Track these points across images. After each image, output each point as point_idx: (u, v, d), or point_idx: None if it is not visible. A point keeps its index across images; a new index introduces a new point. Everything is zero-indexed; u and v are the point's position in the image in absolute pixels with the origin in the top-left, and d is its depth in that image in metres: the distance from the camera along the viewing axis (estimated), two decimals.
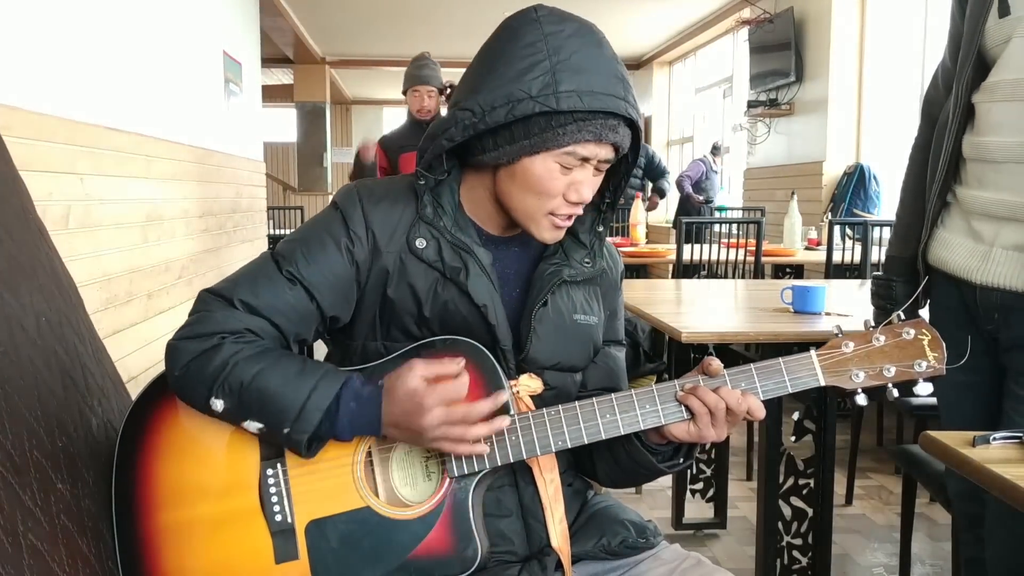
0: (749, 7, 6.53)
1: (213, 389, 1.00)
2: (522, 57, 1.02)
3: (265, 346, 1.03)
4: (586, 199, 1.07)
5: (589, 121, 1.01)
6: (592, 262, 1.17)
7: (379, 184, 1.14)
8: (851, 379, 1.04)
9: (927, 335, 1.04)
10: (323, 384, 1.00)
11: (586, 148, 1.03)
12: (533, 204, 1.06)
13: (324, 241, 1.08)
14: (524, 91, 1.00)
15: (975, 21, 1.44)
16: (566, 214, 1.08)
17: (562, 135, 1.02)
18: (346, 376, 1.02)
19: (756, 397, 1.03)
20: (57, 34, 2.53)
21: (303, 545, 1.04)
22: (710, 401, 1.02)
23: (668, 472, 1.13)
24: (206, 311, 1.04)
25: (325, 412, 0.99)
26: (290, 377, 1.00)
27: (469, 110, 1.03)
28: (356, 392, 1.00)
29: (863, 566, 2.54)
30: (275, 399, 0.99)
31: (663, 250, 4.25)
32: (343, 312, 1.10)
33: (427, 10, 7.70)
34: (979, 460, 0.95)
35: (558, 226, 1.09)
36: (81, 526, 1.04)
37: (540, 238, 1.10)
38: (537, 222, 1.08)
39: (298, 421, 0.99)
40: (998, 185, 1.41)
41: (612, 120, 1.03)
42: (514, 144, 1.04)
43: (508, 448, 1.04)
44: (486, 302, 1.08)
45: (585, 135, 1.02)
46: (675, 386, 1.04)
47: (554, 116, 1.01)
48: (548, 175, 1.04)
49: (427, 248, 1.08)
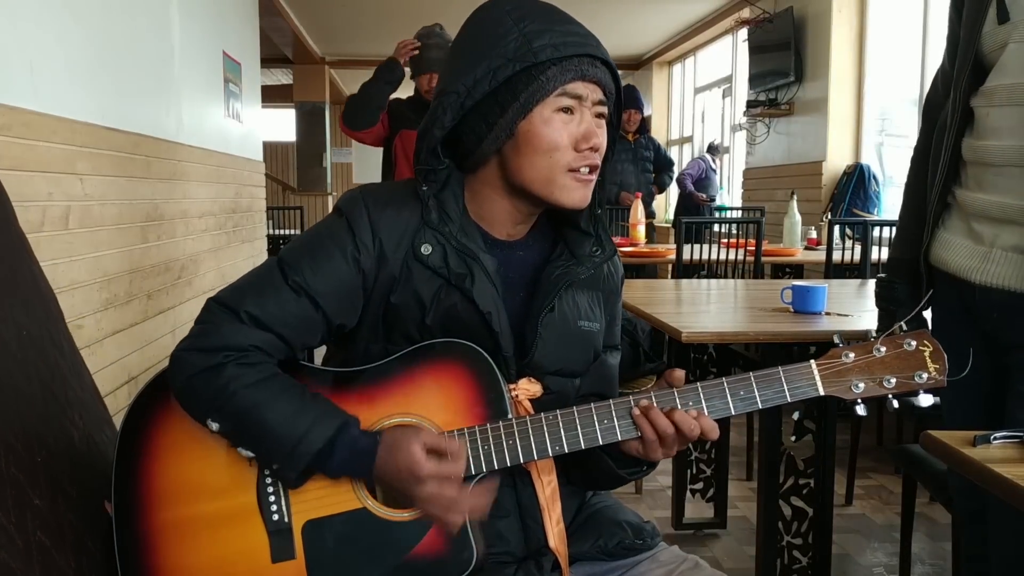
0: (748, 7, 6.53)
1: (210, 412, 1.01)
2: (491, 33, 1.06)
3: (267, 372, 1.03)
4: (597, 143, 1.07)
5: (567, 63, 1.04)
6: (601, 248, 1.17)
7: (383, 189, 1.13)
8: (851, 389, 1.04)
9: (928, 346, 1.04)
10: (317, 427, 1.00)
11: (575, 87, 1.05)
12: (546, 164, 1.06)
13: (330, 250, 1.07)
14: (501, 56, 1.04)
15: (972, 26, 1.44)
16: (586, 165, 1.07)
17: (546, 81, 1.04)
18: (342, 420, 1.01)
19: (708, 419, 1.03)
20: (57, 34, 2.53)
21: (300, 545, 1.04)
22: (660, 426, 1.02)
23: (629, 479, 1.14)
24: (212, 323, 1.04)
25: (315, 455, 0.99)
26: (286, 415, 1.00)
27: (454, 92, 1.05)
28: (352, 441, 1.00)
29: (863, 566, 2.54)
30: (268, 435, 1.00)
31: (663, 250, 4.25)
32: (349, 319, 1.09)
33: (427, 10, 7.69)
34: (980, 460, 0.95)
35: (582, 180, 1.08)
36: (60, 541, 1.03)
37: (569, 202, 1.08)
38: (559, 183, 1.07)
39: (289, 459, 1.00)
40: (997, 188, 1.42)
41: (588, 59, 1.06)
42: (505, 113, 1.05)
43: (506, 451, 1.04)
44: (490, 309, 1.07)
45: (567, 75, 1.05)
46: (630, 402, 1.04)
47: (534, 68, 1.03)
48: (549, 127, 1.05)
49: (432, 254, 1.07)
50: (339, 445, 1.00)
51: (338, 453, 1.00)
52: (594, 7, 6.85)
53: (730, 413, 1.04)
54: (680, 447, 1.05)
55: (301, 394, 1.03)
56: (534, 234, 1.17)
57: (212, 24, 4.42)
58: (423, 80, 3.80)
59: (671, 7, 7.60)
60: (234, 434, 1.02)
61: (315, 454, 0.99)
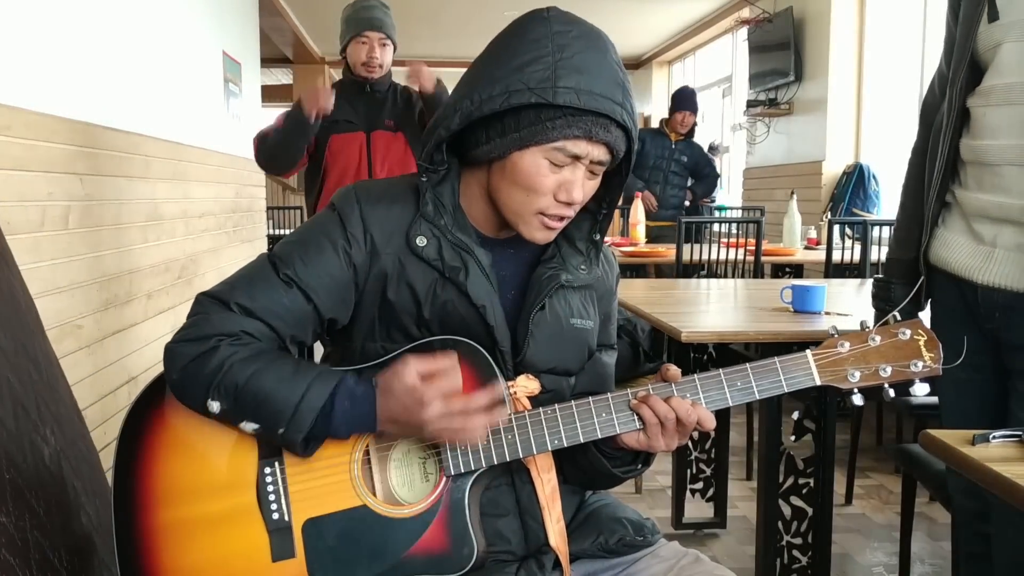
0: (748, 7, 6.52)
1: (210, 391, 1.01)
2: (526, 51, 1.02)
3: (261, 348, 1.04)
4: (576, 200, 1.06)
5: (580, 118, 1.01)
6: (588, 269, 1.17)
7: (377, 185, 1.14)
8: (847, 379, 1.04)
9: (923, 335, 1.05)
10: (317, 384, 1.00)
11: (576, 145, 1.03)
12: (522, 201, 1.06)
13: (321, 244, 1.07)
14: (523, 82, 1.01)
15: (968, 26, 1.45)
16: (556, 215, 1.07)
17: (551, 129, 1.01)
18: (340, 375, 1.02)
19: (704, 409, 1.04)
20: (57, 34, 2.53)
21: (300, 543, 1.04)
22: (660, 411, 1.02)
23: (624, 478, 1.14)
24: (203, 314, 1.04)
25: (319, 412, 0.99)
26: (284, 378, 1.00)
27: (468, 99, 1.04)
28: (350, 390, 1.01)
29: (863, 565, 2.54)
30: (270, 400, 0.99)
31: (663, 249, 4.25)
32: (341, 314, 1.10)
33: (427, 10, 7.70)
34: (979, 459, 0.95)
35: (548, 227, 1.08)
36: (25, 559, 1.03)
37: (530, 238, 1.09)
38: (526, 221, 1.07)
39: (293, 421, 0.99)
40: (996, 187, 1.42)
41: (605, 120, 1.02)
42: (505, 137, 1.04)
43: (505, 447, 1.04)
44: (485, 302, 1.07)
45: (575, 131, 1.02)
46: (628, 394, 1.05)
47: (545, 110, 1.01)
48: (537, 171, 1.04)
49: (427, 246, 1.08)
50: (339, 396, 1.00)
51: (338, 404, 1.00)
52: (594, 7, 6.85)
53: (728, 403, 1.05)
54: (681, 440, 1.05)
55: (295, 360, 1.04)
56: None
57: (212, 24, 4.42)
58: (358, 50, 2.83)
59: (671, 7, 7.60)
60: (235, 409, 1.01)
61: (319, 410, 0.99)
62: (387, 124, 2.92)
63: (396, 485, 1.06)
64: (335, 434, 1.02)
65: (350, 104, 2.89)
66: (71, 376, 2.54)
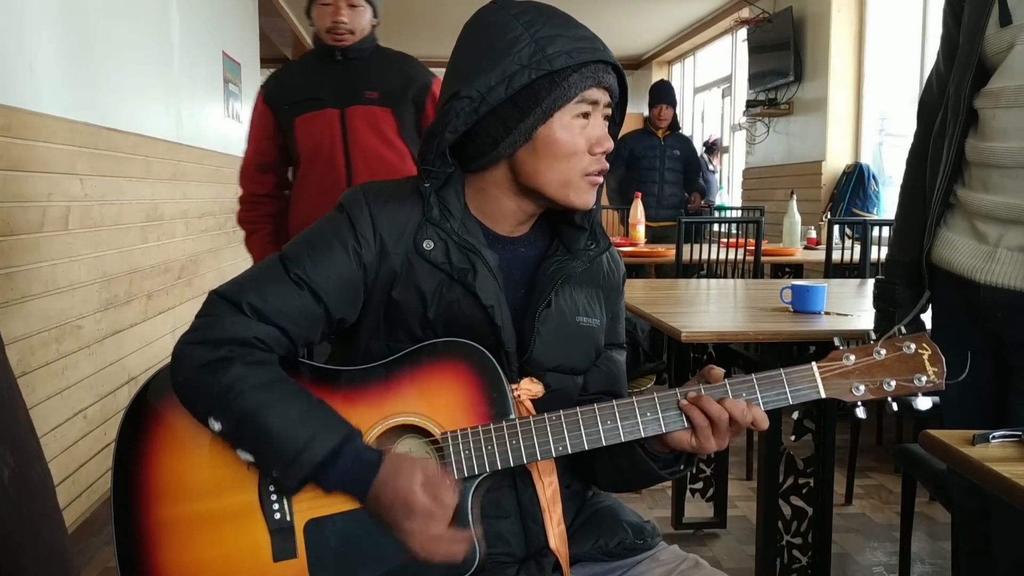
0: (748, 7, 6.52)
1: (213, 410, 1.00)
2: (501, 38, 1.06)
3: (274, 375, 1.03)
4: (609, 147, 1.10)
5: (585, 67, 1.06)
6: (596, 243, 1.17)
7: (385, 186, 1.14)
8: (851, 392, 1.04)
9: (927, 349, 1.04)
10: (321, 436, 0.99)
11: (592, 93, 1.07)
12: (565, 168, 1.08)
13: (331, 244, 1.07)
14: (516, 63, 1.04)
15: (973, 29, 1.45)
16: (597, 170, 1.10)
17: (568, 88, 1.05)
18: (347, 432, 1.01)
19: (760, 408, 1.03)
20: (57, 34, 2.53)
21: (301, 544, 1.04)
22: (713, 412, 1.01)
23: (668, 478, 1.13)
24: (215, 316, 1.03)
25: (317, 466, 0.99)
26: (291, 421, 0.99)
27: (467, 97, 1.05)
28: (357, 454, 1.00)
29: (863, 565, 2.55)
30: (271, 441, 0.99)
31: (663, 249, 4.25)
32: (350, 314, 1.10)
33: (427, 10, 7.70)
34: (979, 458, 0.96)
35: (594, 184, 1.11)
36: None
37: (581, 203, 1.10)
38: (575, 186, 1.09)
39: (290, 468, 0.99)
40: (1003, 189, 1.42)
41: (600, 65, 1.07)
42: (526, 119, 1.06)
43: (509, 452, 1.03)
44: (492, 303, 1.08)
45: (587, 80, 1.06)
46: (676, 394, 1.04)
47: (554, 75, 1.04)
48: (570, 133, 1.07)
49: (435, 250, 1.08)
50: (343, 455, 0.99)
51: (341, 463, 0.99)
52: (594, 7, 6.85)
53: None
54: (732, 439, 1.04)
55: (307, 401, 1.02)
56: (535, 231, 1.18)
57: (212, 24, 4.42)
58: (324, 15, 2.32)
59: (671, 7, 7.60)
60: (236, 436, 1.01)
61: (317, 465, 0.99)
62: (369, 96, 2.33)
63: None
64: (324, 486, 1.01)
65: (317, 77, 2.36)
66: (71, 376, 2.55)
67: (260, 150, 2.43)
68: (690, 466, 1.13)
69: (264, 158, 2.44)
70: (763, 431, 1.05)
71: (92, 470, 2.68)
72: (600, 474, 1.18)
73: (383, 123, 2.33)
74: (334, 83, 2.34)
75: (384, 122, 2.33)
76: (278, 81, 2.45)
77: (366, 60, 2.37)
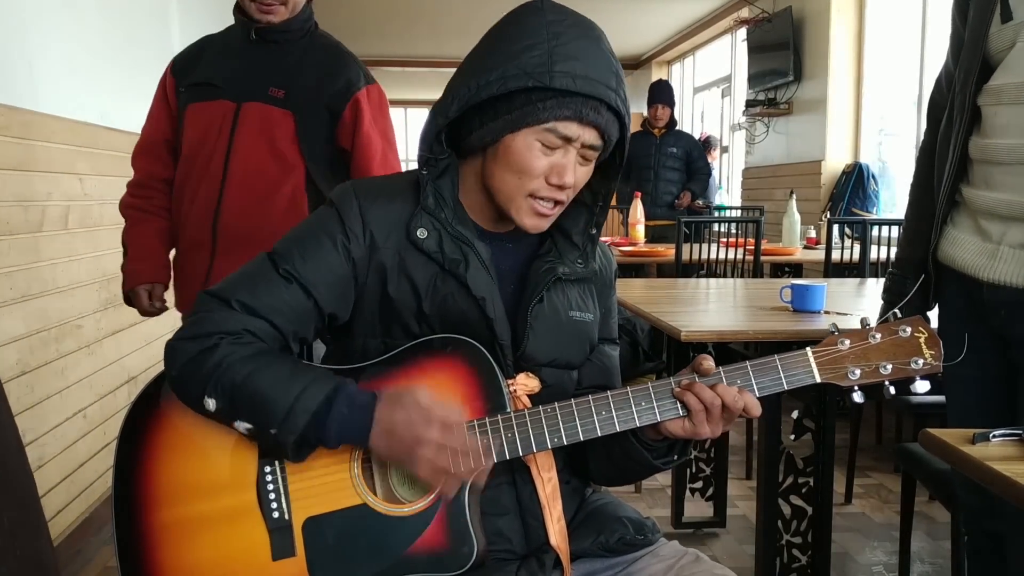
0: (747, 7, 6.52)
1: (206, 388, 1.00)
2: (522, 39, 1.04)
3: (261, 347, 1.04)
4: (567, 183, 1.06)
5: (571, 99, 1.03)
6: (584, 263, 1.17)
7: (376, 181, 1.15)
8: (847, 376, 1.04)
9: (924, 333, 1.04)
10: (313, 386, 1.00)
11: (568, 127, 1.04)
12: (513, 184, 1.07)
13: (320, 239, 1.08)
14: (519, 68, 1.03)
15: (979, 26, 1.45)
16: (548, 198, 1.07)
17: (541, 110, 1.03)
18: (339, 380, 1.01)
19: (752, 394, 1.03)
20: (57, 34, 2.53)
21: (300, 542, 1.04)
22: (706, 398, 1.02)
23: (662, 469, 1.13)
24: (205, 312, 1.04)
25: (313, 415, 0.99)
26: (281, 378, 1.00)
27: (465, 86, 1.05)
28: (350, 396, 1.00)
29: (862, 564, 2.55)
30: (264, 400, 0.99)
31: (663, 249, 4.25)
32: (341, 310, 1.10)
33: (427, 10, 7.70)
34: (979, 457, 0.95)
35: (539, 212, 1.08)
36: None
37: (521, 224, 1.09)
38: (517, 204, 1.08)
39: (285, 422, 0.99)
40: (1005, 186, 1.42)
41: (596, 103, 1.04)
42: (497, 120, 1.05)
43: (505, 445, 1.03)
44: (484, 295, 1.08)
45: (565, 112, 1.03)
46: (671, 383, 1.04)
47: (536, 92, 1.02)
48: (528, 152, 1.05)
49: (428, 239, 1.08)
50: (337, 402, 0.99)
51: (335, 409, 0.99)
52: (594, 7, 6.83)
53: None
54: (726, 427, 1.04)
55: (294, 361, 1.04)
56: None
57: (212, 24, 4.41)
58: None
59: (670, 7, 7.60)
60: (230, 408, 1.01)
61: (312, 413, 0.98)
62: (272, 94, 1.84)
63: (396, 483, 1.06)
64: (325, 440, 1.00)
65: (221, 59, 1.92)
66: (71, 376, 2.55)
67: (166, 127, 1.96)
68: (684, 456, 1.13)
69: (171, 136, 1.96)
70: (756, 417, 1.05)
71: (92, 470, 2.68)
72: (594, 467, 1.18)
73: (278, 128, 1.84)
74: (238, 70, 1.88)
75: (280, 128, 1.84)
76: (190, 54, 2.01)
77: (286, 47, 1.90)
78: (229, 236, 1.88)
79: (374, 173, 1.87)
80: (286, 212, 1.85)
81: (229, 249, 1.87)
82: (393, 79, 11.95)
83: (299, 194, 1.88)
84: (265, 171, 1.87)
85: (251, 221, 1.85)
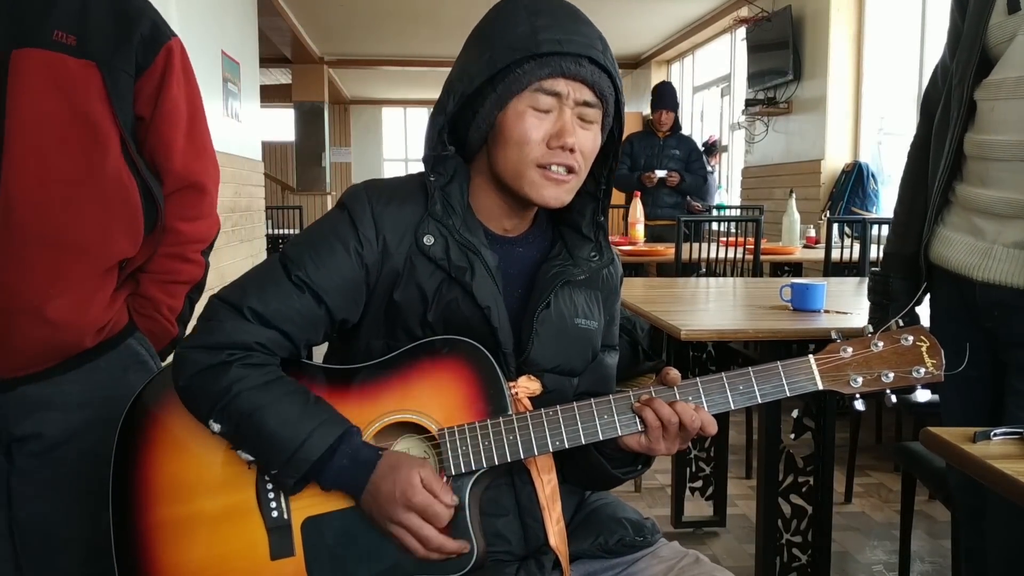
0: (747, 6, 6.53)
1: (213, 412, 1.01)
2: (503, 25, 1.06)
3: (271, 375, 1.03)
4: (569, 142, 1.05)
5: (550, 58, 1.03)
6: (600, 255, 1.17)
7: (388, 184, 1.13)
8: (849, 384, 1.04)
9: (926, 342, 1.04)
10: (319, 432, 1.00)
11: (553, 83, 1.04)
12: (516, 157, 1.06)
13: (332, 244, 1.07)
14: (505, 45, 1.04)
15: (978, 18, 1.43)
16: (557, 162, 1.06)
17: (522, 75, 1.04)
18: (344, 428, 1.01)
19: (707, 413, 1.03)
20: None
21: (299, 542, 1.04)
22: (664, 415, 1.02)
23: (624, 479, 1.14)
24: (216, 321, 1.04)
25: (315, 463, 0.99)
26: (289, 420, 1.00)
27: (459, 80, 1.07)
28: (354, 451, 1.01)
29: (862, 564, 2.55)
30: (271, 439, 1.00)
31: (662, 248, 4.25)
32: (352, 315, 1.09)
33: (426, 10, 7.70)
34: (980, 456, 0.95)
35: (551, 178, 1.07)
36: None
37: (540, 199, 1.08)
38: (529, 179, 1.07)
39: (288, 466, 1.00)
40: (1001, 183, 1.41)
41: (577, 57, 1.04)
42: (485, 103, 1.06)
43: (506, 447, 1.03)
44: (489, 304, 1.07)
45: (545, 70, 1.04)
46: (631, 396, 1.04)
47: (517, 63, 1.03)
48: (521, 121, 1.05)
49: (434, 245, 1.07)
50: (340, 453, 1.00)
51: (337, 460, 1.00)
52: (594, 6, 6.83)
53: (729, 407, 1.05)
54: (682, 445, 1.05)
55: (304, 399, 1.03)
56: (534, 231, 1.17)
57: (211, 24, 4.42)
58: None
59: (670, 6, 7.60)
60: (235, 437, 1.02)
61: (313, 462, 0.99)
62: (57, 38, 1.27)
63: None
64: (322, 483, 1.02)
65: None
66: None
67: None
68: (647, 466, 1.14)
69: None
70: (711, 436, 1.05)
71: None
72: (568, 471, 1.17)
73: (82, 84, 1.28)
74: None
75: (85, 83, 1.28)
76: None
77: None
78: (19, 240, 1.24)
79: (177, 151, 1.38)
80: (110, 204, 1.29)
81: (21, 256, 1.24)
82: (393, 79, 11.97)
83: (125, 177, 1.30)
84: (68, 144, 1.27)
85: (56, 219, 1.26)
